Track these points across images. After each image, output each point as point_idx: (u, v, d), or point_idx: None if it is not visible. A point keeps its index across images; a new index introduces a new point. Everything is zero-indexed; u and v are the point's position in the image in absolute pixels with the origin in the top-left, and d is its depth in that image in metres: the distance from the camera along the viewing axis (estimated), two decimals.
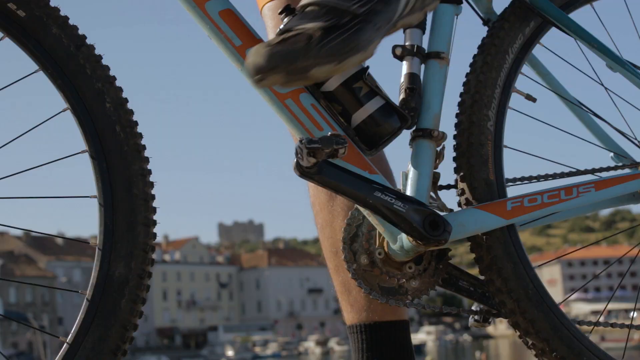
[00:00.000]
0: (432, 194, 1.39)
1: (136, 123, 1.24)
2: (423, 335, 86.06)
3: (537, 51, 1.54)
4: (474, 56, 1.45)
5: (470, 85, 1.42)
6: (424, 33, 1.44)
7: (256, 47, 1.17)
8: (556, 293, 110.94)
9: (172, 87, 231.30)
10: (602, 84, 1.57)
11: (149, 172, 1.23)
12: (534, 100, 1.48)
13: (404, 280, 1.38)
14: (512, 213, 1.36)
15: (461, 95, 1.43)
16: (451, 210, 1.40)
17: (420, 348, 65.65)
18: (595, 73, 1.56)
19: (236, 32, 1.33)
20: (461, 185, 1.39)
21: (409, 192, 1.36)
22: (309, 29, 1.17)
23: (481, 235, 1.37)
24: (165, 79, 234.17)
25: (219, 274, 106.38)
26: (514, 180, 1.49)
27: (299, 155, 1.20)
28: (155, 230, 1.22)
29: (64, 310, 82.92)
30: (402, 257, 1.36)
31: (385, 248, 1.37)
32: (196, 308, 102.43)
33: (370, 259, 1.39)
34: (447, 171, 1.43)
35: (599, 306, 79.81)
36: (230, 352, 78.85)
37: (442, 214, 1.34)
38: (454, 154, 1.41)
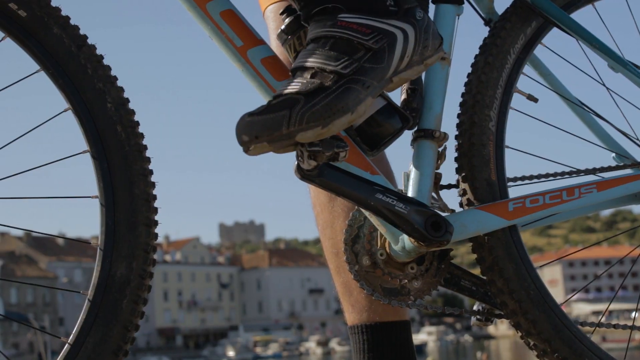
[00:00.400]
0: (433, 194, 1.39)
1: (137, 123, 1.24)
2: (424, 336, 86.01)
3: (539, 51, 1.54)
4: (476, 56, 1.45)
5: (471, 86, 1.42)
6: None
7: (242, 116, 1.16)
8: (557, 293, 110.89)
9: (173, 87, 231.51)
10: (604, 84, 1.57)
11: (150, 172, 1.23)
12: (535, 100, 1.48)
13: (406, 280, 1.38)
14: (513, 214, 1.36)
15: (463, 95, 1.43)
16: (453, 210, 1.40)
17: (421, 348, 65.68)
18: (597, 73, 1.56)
19: (237, 33, 1.32)
20: (463, 185, 1.39)
21: (410, 193, 1.35)
22: (293, 95, 1.16)
23: (483, 236, 1.36)
24: (166, 79, 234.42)
25: (220, 274, 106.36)
26: (515, 179, 1.49)
27: (300, 158, 1.20)
28: (156, 230, 1.22)
29: (65, 310, 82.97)
30: (404, 257, 1.36)
31: (387, 249, 1.37)
32: (197, 308, 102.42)
33: (372, 260, 1.38)
34: (448, 171, 1.43)
35: (600, 306, 79.73)
36: (231, 353, 78.85)
37: (443, 214, 1.34)
38: (456, 154, 1.41)
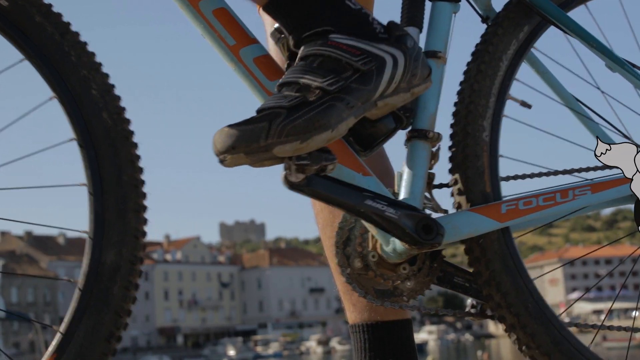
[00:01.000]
0: (427, 194, 1.37)
1: (123, 109, 1.22)
2: (425, 335, 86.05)
3: (536, 49, 1.52)
4: (468, 63, 1.43)
5: (464, 95, 1.40)
6: (421, 32, 1.42)
7: (222, 127, 1.15)
8: (558, 292, 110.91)
9: (173, 87, 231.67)
10: (598, 87, 1.55)
11: (138, 157, 1.22)
12: (529, 106, 1.46)
13: (399, 281, 1.37)
14: (506, 216, 1.35)
15: (456, 104, 1.41)
16: (446, 211, 1.39)
17: (422, 347, 65.78)
18: (590, 75, 1.54)
19: (230, 32, 1.31)
20: (458, 199, 1.38)
21: (403, 194, 1.34)
22: (275, 108, 1.14)
23: (479, 250, 1.35)
24: (166, 78, 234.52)
25: (221, 273, 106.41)
26: (507, 178, 1.47)
27: (288, 171, 1.18)
28: (146, 215, 1.21)
29: (66, 310, 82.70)
30: (396, 259, 1.35)
31: (379, 250, 1.36)
32: (198, 308, 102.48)
33: (364, 262, 1.37)
34: (442, 170, 1.41)
35: (601, 305, 79.73)
36: (231, 352, 78.92)
37: (436, 215, 1.33)
38: (450, 166, 1.39)
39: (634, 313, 2.05)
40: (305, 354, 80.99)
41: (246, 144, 1.12)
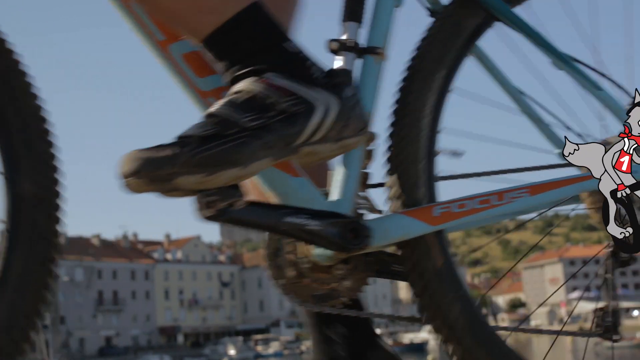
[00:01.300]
0: (362, 194, 1.33)
1: (7, 41, 1.17)
2: (425, 334, 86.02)
3: (483, 43, 1.48)
4: (390, 124, 1.35)
5: (392, 165, 1.34)
6: (360, 26, 1.38)
7: (132, 150, 1.10)
8: (558, 291, 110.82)
9: (173, 86, 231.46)
10: (526, 94, 1.52)
11: (30, 85, 1.18)
12: (460, 155, 1.41)
13: (336, 283, 1.32)
14: (439, 219, 1.30)
15: (387, 173, 1.35)
16: (381, 211, 1.34)
17: (422, 347, 65.70)
18: (521, 91, 1.51)
19: (159, 26, 1.27)
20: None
21: (334, 194, 1.29)
22: (189, 137, 1.10)
23: (446, 329, 1.31)
24: (166, 77, 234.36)
25: (221, 272, 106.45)
26: (443, 178, 1.42)
27: (199, 205, 1.14)
28: (52, 139, 1.18)
29: (66, 309, 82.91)
30: (328, 261, 1.30)
31: (310, 256, 1.31)
32: (198, 307, 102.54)
33: (297, 270, 1.32)
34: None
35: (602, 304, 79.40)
36: (232, 351, 78.95)
37: (368, 218, 1.29)
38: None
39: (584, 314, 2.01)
40: (306, 353, 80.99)
41: (151, 170, 1.07)
